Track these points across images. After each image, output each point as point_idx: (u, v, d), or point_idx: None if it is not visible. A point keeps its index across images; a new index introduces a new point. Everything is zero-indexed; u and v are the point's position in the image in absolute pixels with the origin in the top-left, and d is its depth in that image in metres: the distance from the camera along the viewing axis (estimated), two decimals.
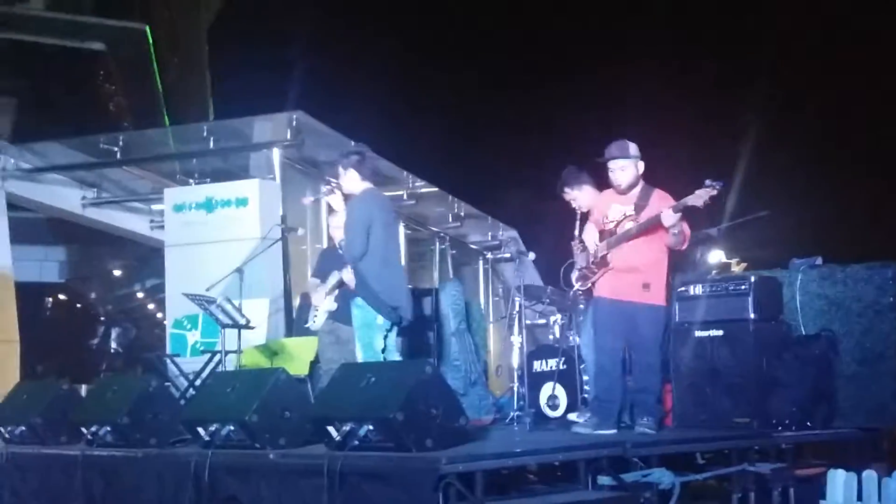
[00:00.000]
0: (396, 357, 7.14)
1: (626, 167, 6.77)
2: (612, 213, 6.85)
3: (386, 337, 6.93)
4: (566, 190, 7.44)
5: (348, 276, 7.58)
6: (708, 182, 6.28)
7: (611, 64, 21.11)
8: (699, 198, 6.31)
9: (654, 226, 6.60)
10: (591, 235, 6.99)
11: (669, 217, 6.42)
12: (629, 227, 6.71)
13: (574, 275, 7.16)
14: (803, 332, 7.72)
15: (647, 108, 19.73)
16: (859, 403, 7.56)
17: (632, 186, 6.79)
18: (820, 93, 20.22)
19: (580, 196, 7.35)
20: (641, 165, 6.82)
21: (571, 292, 7.59)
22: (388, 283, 6.88)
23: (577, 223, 7.22)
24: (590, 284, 6.96)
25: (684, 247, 6.85)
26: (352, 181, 7.07)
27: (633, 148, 6.80)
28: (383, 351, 6.88)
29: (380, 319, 6.87)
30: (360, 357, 6.95)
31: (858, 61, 19.88)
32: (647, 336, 6.76)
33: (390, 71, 22.72)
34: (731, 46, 21.23)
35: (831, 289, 7.86)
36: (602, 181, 7.09)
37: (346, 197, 7.20)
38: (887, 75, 18.76)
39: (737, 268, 9.10)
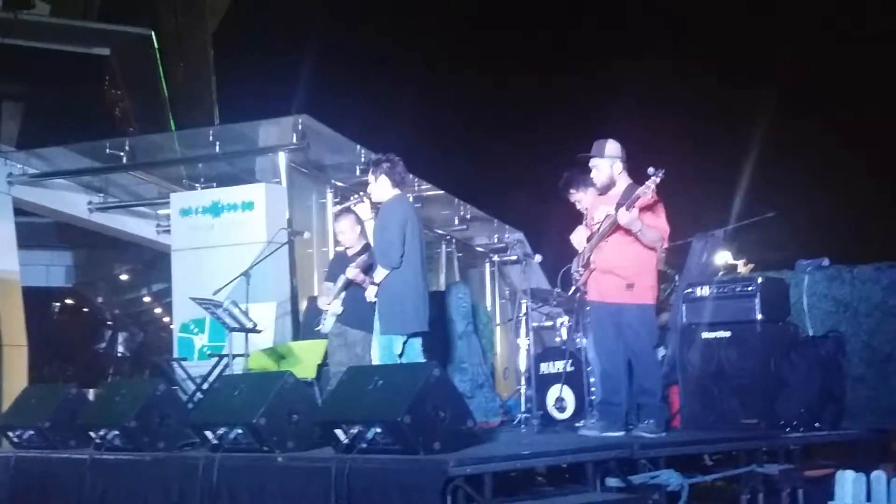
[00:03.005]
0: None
1: (598, 166, 6.70)
2: (597, 214, 6.79)
3: (406, 343, 6.91)
4: (571, 191, 7.43)
5: (353, 272, 7.55)
6: (650, 171, 6.24)
7: (616, 65, 21.08)
8: (647, 188, 6.27)
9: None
10: (578, 238, 6.90)
11: (623, 215, 6.32)
12: (605, 227, 6.66)
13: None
14: (811, 334, 7.71)
15: (653, 111, 19.72)
16: (868, 404, 7.56)
17: (608, 186, 6.70)
18: (826, 94, 20.19)
19: (585, 198, 7.31)
20: (619, 165, 6.69)
21: (567, 296, 7.57)
22: (417, 291, 6.90)
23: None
24: (580, 287, 6.92)
25: (663, 244, 6.79)
26: (383, 188, 7.04)
27: (609, 147, 6.68)
28: (400, 356, 6.87)
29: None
30: (376, 360, 6.95)
31: (865, 61, 19.85)
32: (638, 336, 6.65)
33: (395, 74, 22.70)
34: (736, 47, 21.19)
35: (839, 290, 7.85)
36: None
37: (374, 206, 7.18)
38: (893, 75, 18.72)
39: (744, 269, 9.11)
